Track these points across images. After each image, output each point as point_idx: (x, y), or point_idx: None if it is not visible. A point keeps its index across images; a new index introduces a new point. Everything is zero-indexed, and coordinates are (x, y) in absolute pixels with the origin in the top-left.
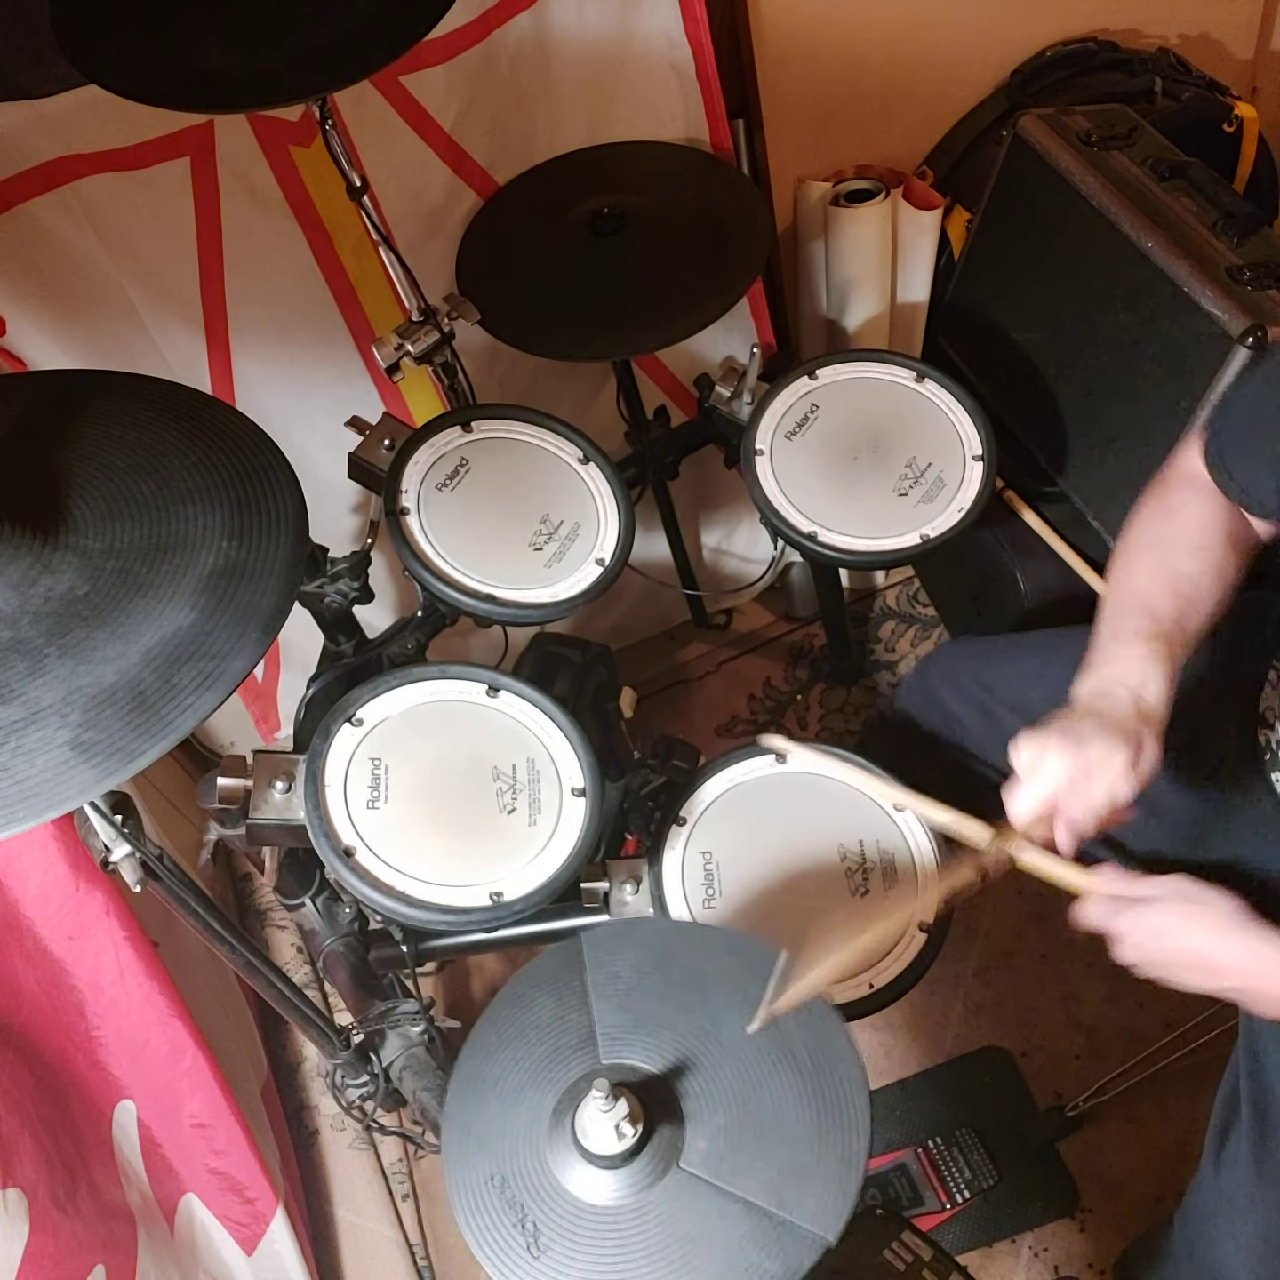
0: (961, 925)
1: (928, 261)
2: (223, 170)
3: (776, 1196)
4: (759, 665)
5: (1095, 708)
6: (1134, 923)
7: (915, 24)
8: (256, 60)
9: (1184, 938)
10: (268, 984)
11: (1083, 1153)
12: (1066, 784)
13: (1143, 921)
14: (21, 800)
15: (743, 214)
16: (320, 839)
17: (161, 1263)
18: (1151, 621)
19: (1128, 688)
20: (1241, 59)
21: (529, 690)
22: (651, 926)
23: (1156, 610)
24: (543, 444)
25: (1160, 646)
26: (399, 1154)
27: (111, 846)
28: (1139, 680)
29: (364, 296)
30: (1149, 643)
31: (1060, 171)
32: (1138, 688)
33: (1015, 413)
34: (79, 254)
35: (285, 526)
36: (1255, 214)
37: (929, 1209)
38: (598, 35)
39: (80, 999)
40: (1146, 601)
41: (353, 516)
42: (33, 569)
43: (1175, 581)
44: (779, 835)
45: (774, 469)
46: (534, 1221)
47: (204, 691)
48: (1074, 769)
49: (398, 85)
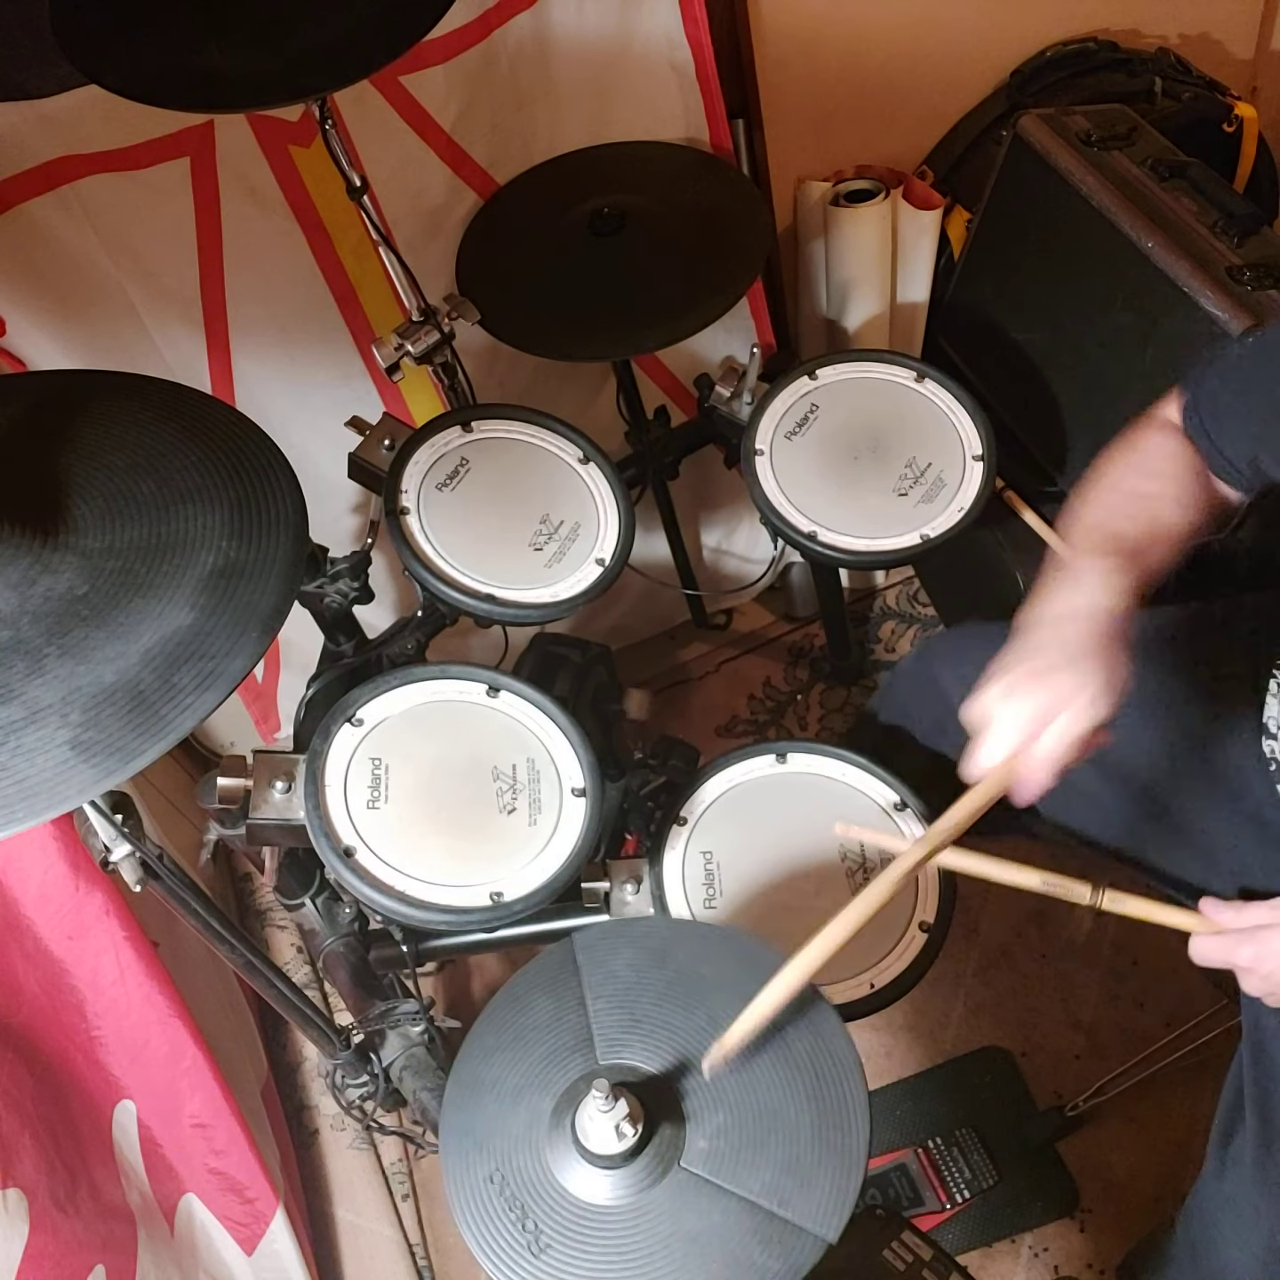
0: (961, 925)
1: (928, 261)
2: (223, 170)
3: (777, 1196)
4: (759, 665)
5: (1060, 633)
6: (1257, 952)
7: (915, 24)
8: (256, 60)
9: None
10: (268, 984)
11: (1083, 1153)
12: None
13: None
14: (21, 800)
15: (743, 214)
16: (320, 839)
17: (161, 1263)
18: (1112, 539)
19: (1091, 603)
20: (1241, 59)
21: (529, 690)
22: (647, 925)
23: (1117, 531)
24: (543, 444)
25: (1122, 560)
26: (399, 1154)
27: (111, 846)
28: (1102, 594)
29: (364, 296)
30: (1109, 558)
31: (1060, 171)
32: (1101, 600)
33: (1015, 413)
34: (79, 254)
35: (285, 526)
36: (1255, 214)
37: (929, 1209)
38: (598, 35)
39: (80, 999)
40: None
41: (353, 516)
42: (33, 569)
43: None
44: (779, 835)
45: (774, 469)
46: (534, 1221)
47: (204, 691)
48: (1045, 702)
49: (398, 85)
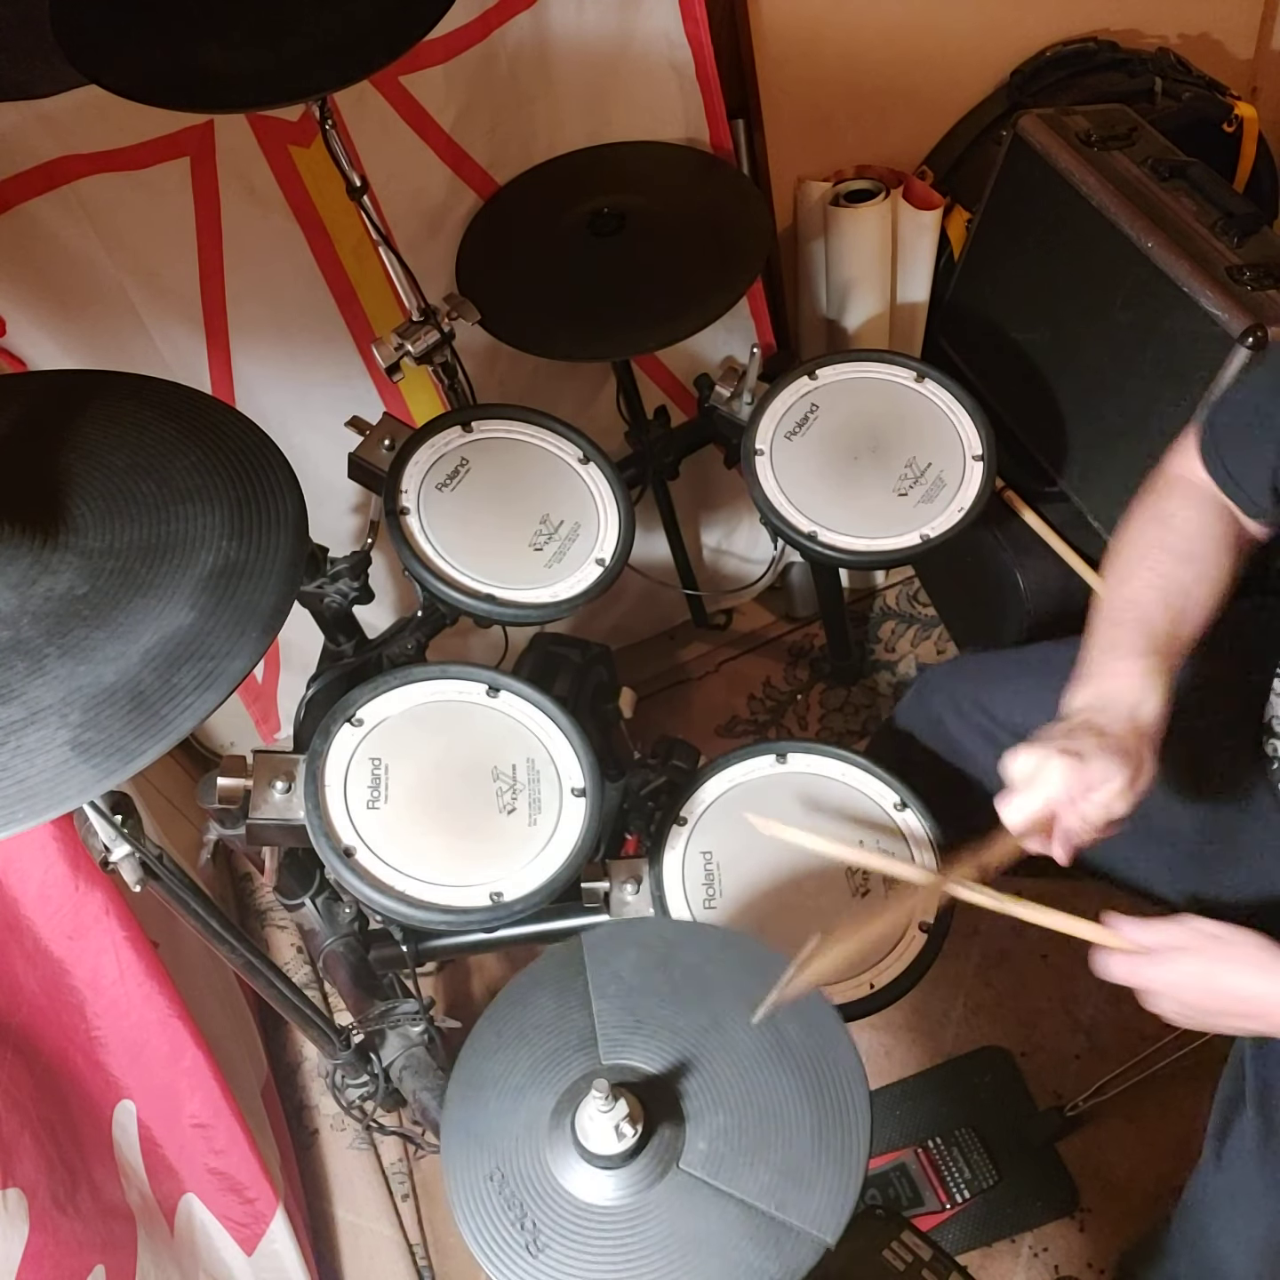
0: (961, 925)
1: (928, 261)
2: (223, 170)
3: (776, 1197)
4: (759, 665)
5: (1094, 723)
6: (1164, 973)
7: (915, 24)
8: (256, 60)
9: (1220, 980)
10: (268, 984)
11: (1082, 1152)
12: (1065, 798)
13: (1174, 970)
14: (21, 800)
15: (743, 214)
16: (320, 839)
17: (161, 1263)
18: (1147, 635)
19: (1126, 704)
20: (1241, 59)
21: (529, 690)
22: (652, 926)
23: (1151, 622)
24: (543, 444)
25: (1157, 661)
26: (399, 1154)
27: (111, 846)
28: (1137, 697)
29: (364, 296)
30: (1146, 658)
31: (1060, 171)
32: (1136, 705)
33: (1015, 413)
34: (79, 254)
35: (285, 526)
36: (1255, 214)
37: (929, 1209)
38: (598, 35)
39: (80, 999)
40: (1141, 613)
41: (353, 516)
42: (33, 569)
43: (1169, 592)
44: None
45: (774, 469)
46: (533, 1221)
47: (204, 691)
48: (1073, 784)
49: (398, 85)
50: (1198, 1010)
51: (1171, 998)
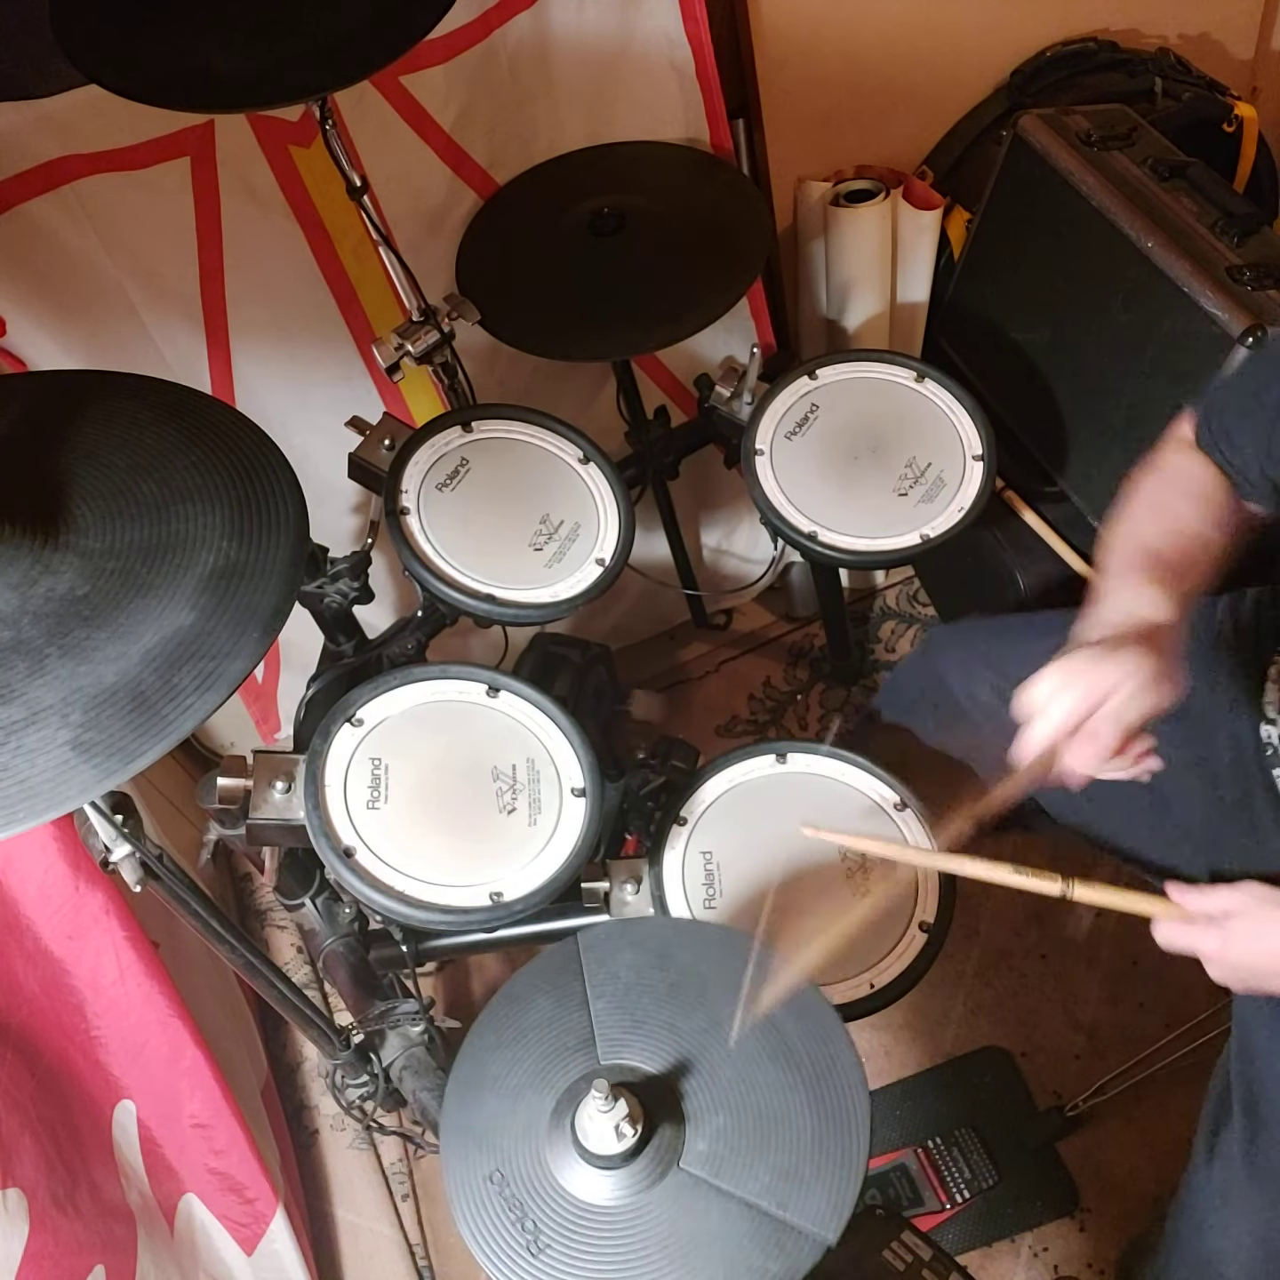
0: (961, 925)
1: (928, 261)
2: (223, 170)
3: (777, 1197)
4: (759, 665)
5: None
6: (1223, 939)
7: (915, 24)
8: (256, 60)
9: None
10: (268, 984)
11: (1083, 1152)
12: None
13: (1233, 935)
14: (21, 800)
15: (743, 214)
16: (320, 839)
17: (161, 1263)
18: (1157, 559)
19: (1138, 613)
20: (1241, 59)
21: (529, 690)
22: (649, 926)
23: (1161, 550)
24: (543, 444)
25: (1168, 577)
26: (399, 1154)
27: (111, 846)
28: (1149, 606)
29: (364, 296)
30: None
31: (1060, 171)
32: (1152, 614)
33: (1015, 413)
34: (79, 254)
35: (285, 526)
36: (1255, 214)
37: (929, 1209)
38: (598, 35)
39: (80, 999)
40: (1150, 543)
41: (353, 516)
42: (33, 569)
43: (1177, 525)
44: (779, 835)
45: (774, 469)
46: (534, 1221)
47: (204, 692)
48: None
49: (398, 85)
50: (1249, 972)
51: (1221, 961)
